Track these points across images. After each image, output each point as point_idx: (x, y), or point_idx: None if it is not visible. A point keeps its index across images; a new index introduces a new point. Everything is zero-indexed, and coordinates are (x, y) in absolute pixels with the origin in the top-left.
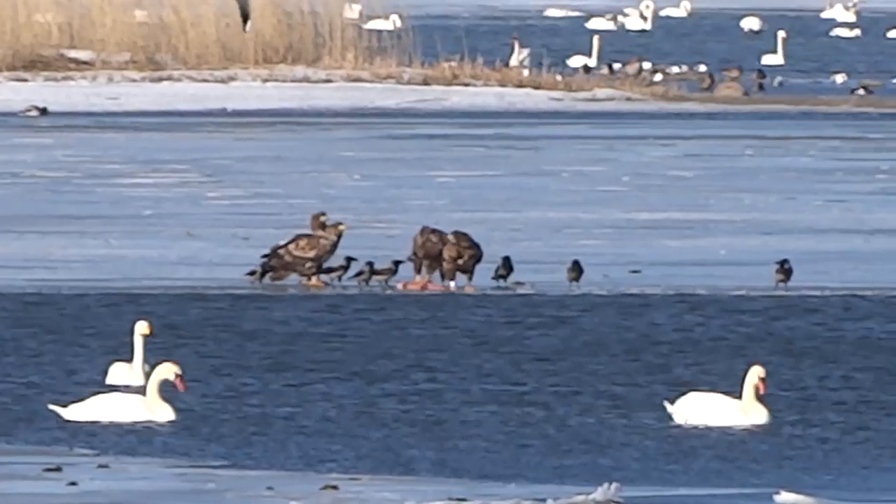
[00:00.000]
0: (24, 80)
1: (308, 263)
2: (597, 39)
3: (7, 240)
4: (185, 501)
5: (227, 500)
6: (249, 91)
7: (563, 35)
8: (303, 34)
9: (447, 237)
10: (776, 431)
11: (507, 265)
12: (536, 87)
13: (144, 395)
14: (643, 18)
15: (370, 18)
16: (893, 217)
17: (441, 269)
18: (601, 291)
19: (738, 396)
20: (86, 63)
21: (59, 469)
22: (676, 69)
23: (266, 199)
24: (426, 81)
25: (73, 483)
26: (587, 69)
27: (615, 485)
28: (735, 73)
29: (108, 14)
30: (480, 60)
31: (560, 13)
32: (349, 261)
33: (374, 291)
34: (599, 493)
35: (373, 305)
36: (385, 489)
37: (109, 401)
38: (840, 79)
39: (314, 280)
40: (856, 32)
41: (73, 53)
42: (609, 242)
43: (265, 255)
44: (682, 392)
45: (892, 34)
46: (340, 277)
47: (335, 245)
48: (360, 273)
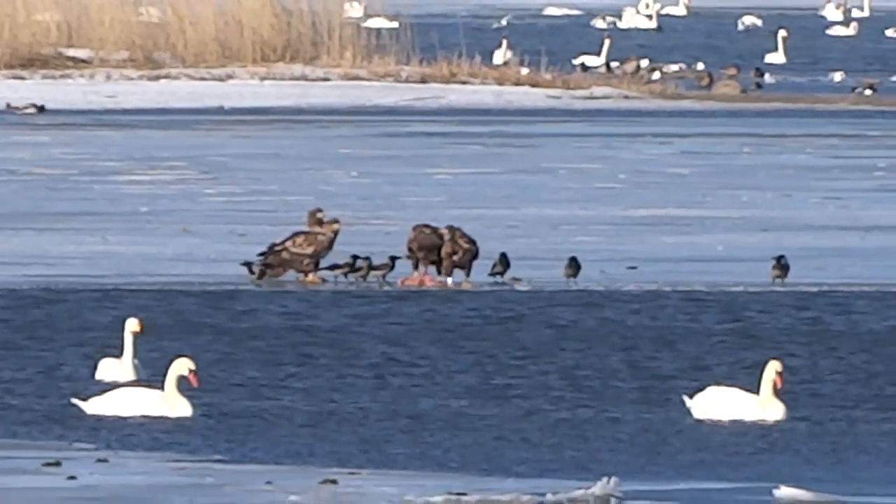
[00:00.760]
0: (23, 78)
1: (306, 260)
2: (607, 39)
3: (4, 237)
4: (184, 495)
5: (226, 495)
6: (247, 89)
7: (563, 33)
8: (301, 32)
9: (441, 230)
10: (774, 426)
11: (505, 261)
12: (534, 85)
13: (162, 390)
14: (649, 17)
15: (370, 17)
16: (890, 214)
17: (438, 265)
18: (598, 287)
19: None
20: (84, 61)
21: (59, 463)
22: (674, 67)
23: (263, 197)
24: (424, 79)
25: (73, 477)
26: (584, 67)
27: (614, 479)
28: (733, 72)
29: (107, 13)
30: (478, 58)
31: (559, 11)
32: (355, 259)
33: (372, 287)
34: (598, 488)
35: (371, 301)
36: (384, 483)
37: (129, 395)
38: (838, 77)
39: (311, 276)
40: (853, 31)
41: (72, 52)
42: (606, 239)
43: (262, 253)
44: (700, 387)
45: (889, 33)
46: (346, 274)
47: (332, 241)
48: (358, 269)
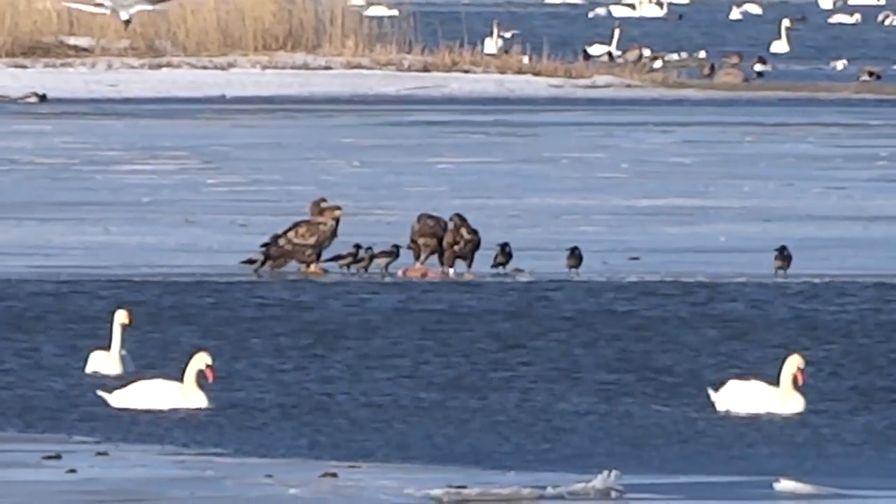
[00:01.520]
0: (24, 67)
1: (308, 251)
2: (617, 28)
3: (6, 227)
4: (185, 489)
5: (226, 488)
6: (249, 78)
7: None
8: (303, 21)
9: (444, 221)
10: (774, 419)
11: (507, 252)
12: (536, 74)
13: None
14: (659, 5)
15: (371, 5)
16: (892, 204)
17: (440, 255)
18: (601, 278)
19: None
20: (85, 50)
21: (59, 456)
22: (676, 56)
23: (265, 186)
24: (426, 68)
25: (73, 470)
26: (587, 56)
27: (615, 472)
28: (735, 60)
29: None
30: (480, 47)
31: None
32: (357, 249)
33: (373, 278)
34: (599, 481)
35: (371, 292)
36: (384, 477)
37: (148, 388)
38: (840, 65)
39: (313, 267)
40: (856, 19)
41: (73, 40)
42: (608, 229)
43: (265, 244)
44: (724, 379)
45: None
46: (349, 265)
47: (334, 231)
48: (360, 260)
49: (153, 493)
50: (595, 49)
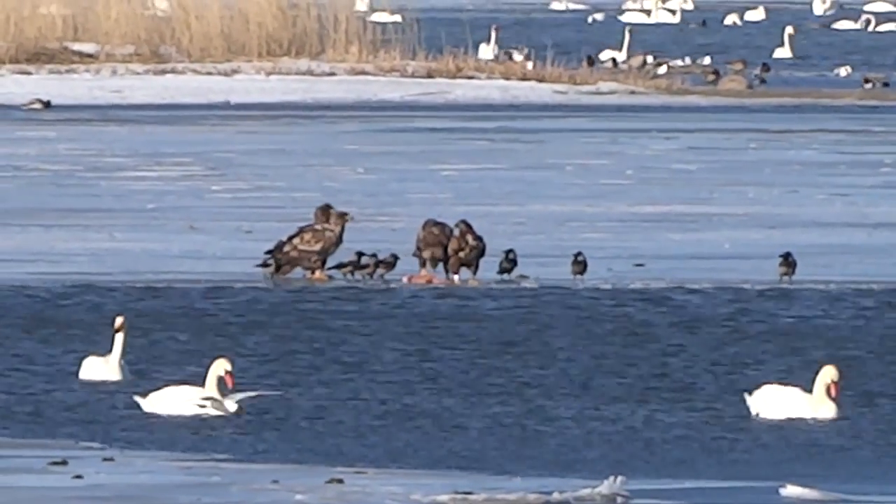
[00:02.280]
0: (28, 73)
1: (314, 257)
2: (628, 32)
3: (10, 233)
4: (191, 495)
5: (233, 494)
6: (253, 84)
7: (568, 29)
8: (307, 27)
9: (449, 227)
10: (781, 424)
11: (511, 259)
12: (540, 81)
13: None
14: (671, 12)
15: (375, 11)
16: None
17: (444, 262)
18: (605, 285)
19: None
20: (89, 56)
21: (65, 462)
22: (680, 62)
23: (269, 193)
24: (430, 74)
25: (79, 476)
26: (591, 62)
27: (621, 478)
28: (739, 67)
29: (113, 7)
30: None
31: (561, 6)
32: (360, 256)
33: (377, 285)
34: (605, 487)
35: (376, 298)
36: (390, 483)
37: (175, 394)
38: (844, 72)
39: (318, 274)
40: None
41: (77, 46)
42: (613, 236)
43: (269, 251)
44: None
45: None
46: (353, 272)
47: (340, 237)
48: (364, 266)
49: (159, 499)
50: (605, 55)
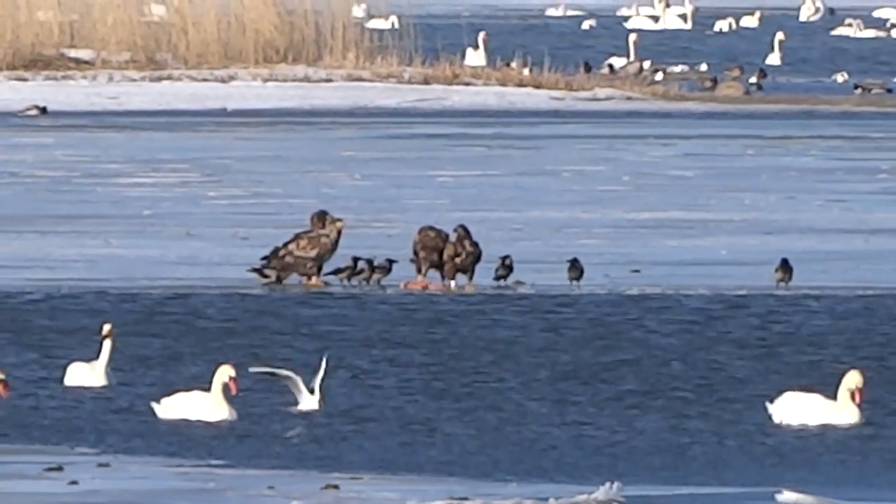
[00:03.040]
0: (25, 80)
1: (309, 263)
2: (633, 38)
3: (6, 239)
4: (186, 500)
5: (228, 500)
6: (250, 90)
7: (564, 35)
8: (304, 34)
9: (446, 234)
10: (775, 431)
11: (508, 265)
12: (537, 87)
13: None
14: (682, 18)
15: (372, 17)
16: (894, 217)
17: (441, 269)
18: (602, 291)
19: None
20: (86, 62)
21: (60, 468)
22: (677, 69)
23: (266, 199)
24: (427, 81)
25: (74, 482)
26: (588, 68)
27: (617, 484)
28: (736, 73)
29: (109, 13)
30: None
31: (558, 12)
32: (356, 262)
33: (373, 290)
34: (601, 493)
35: (372, 304)
36: (386, 488)
37: (191, 399)
38: (841, 78)
39: (314, 280)
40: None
41: (74, 53)
42: (609, 242)
43: (265, 257)
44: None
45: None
46: (349, 278)
47: (336, 243)
48: (360, 272)
49: None
50: (614, 60)
